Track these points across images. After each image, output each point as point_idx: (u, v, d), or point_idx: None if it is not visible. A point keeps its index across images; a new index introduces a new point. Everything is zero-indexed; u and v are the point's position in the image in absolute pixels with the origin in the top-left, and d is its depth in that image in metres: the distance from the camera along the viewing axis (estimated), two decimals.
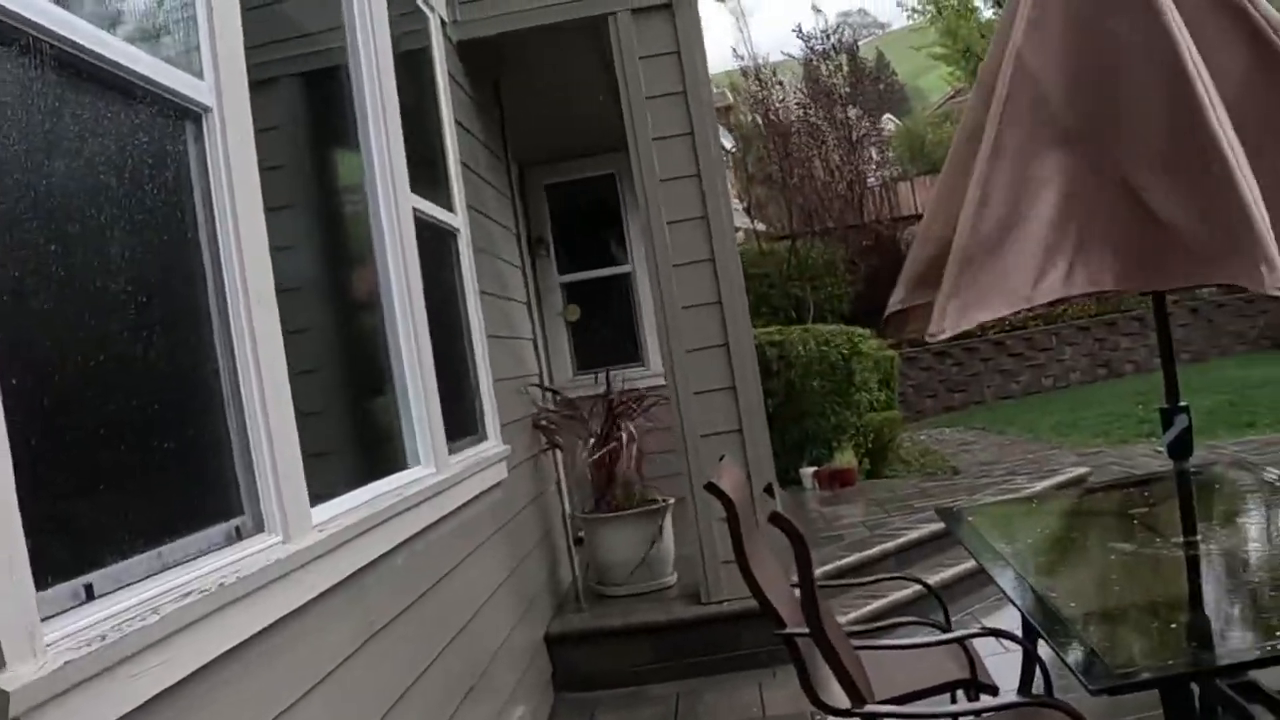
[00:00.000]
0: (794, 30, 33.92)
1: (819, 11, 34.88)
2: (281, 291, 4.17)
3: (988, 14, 33.76)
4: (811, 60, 32.68)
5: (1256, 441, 16.70)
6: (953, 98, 42.04)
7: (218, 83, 3.96)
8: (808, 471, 15.17)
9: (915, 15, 37.13)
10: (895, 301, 5.62)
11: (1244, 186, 4.34)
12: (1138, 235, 4.59)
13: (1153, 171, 4.61)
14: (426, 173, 6.96)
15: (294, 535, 4.02)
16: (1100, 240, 4.75)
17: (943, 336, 4.65)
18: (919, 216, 29.87)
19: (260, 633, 3.63)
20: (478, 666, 6.47)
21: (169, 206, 3.72)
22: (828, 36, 32.79)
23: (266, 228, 4.13)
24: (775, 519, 4.54)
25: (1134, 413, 20.84)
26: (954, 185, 5.13)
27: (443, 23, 8.13)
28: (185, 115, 3.85)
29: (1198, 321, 28.37)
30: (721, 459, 5.85)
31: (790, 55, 33.23)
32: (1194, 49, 4.65)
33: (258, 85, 4.27)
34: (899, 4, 37.66)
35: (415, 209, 6.38)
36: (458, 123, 8.03)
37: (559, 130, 12.31)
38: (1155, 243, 4.56)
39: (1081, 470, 13.91)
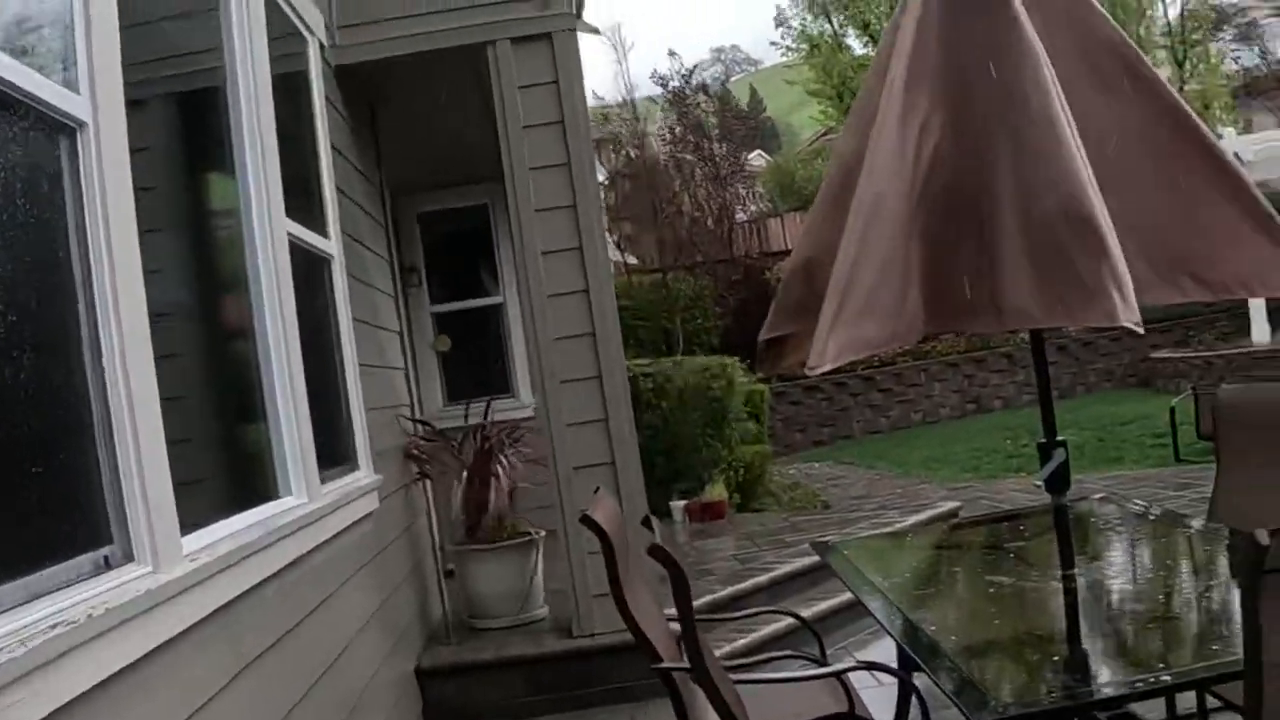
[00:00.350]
0: (651, 76, 34.07)
1: (674, 55, 34.92)
2: (154, 316, 4.06)
3: (861, 50, 34.13)
4: (681, 97, 32.86)
5: (1125, 477, 16.97)
6: (824, 135, 42.43)
7: (94, 97, 3.86)
8: (678, 504, 15.15)
9: (789, 52, 37.49)
10: (767, 328, 5.63)
11: (1103, 227, 4.39)
12: (1007, 276, 4.63)
13: (1016, 213, 4.65)
14: (302, 198, 6.86)
15: (165, 565, 3.91)
16: (972, 280, 4.79)
17: (820, 370, 4.66)
18: (789, 252, 30.10)
19: (130, 665, 3.52)
20: (349, 700, 6.36)
21: (39, 224, 3.62)
22: (686, 79, 32.97)
23: (140, 250, 4.03)
24: (655, 552, 4.50)
25: (1003, 448, 21.12)
26: (828, 218, 5.15)
27: (322, 47, 8.04)
28: (59, 129, 3.74)
29: (1065, 359, 28.82)
30: (596, 491, 5.80)
31: (663, 89, 33.38)
32: (1061, 91, 4.71)
33: (134, 104, 4.17)
34: (773, 42, 37.98)
35: (290, 234, 6.28)
36: (334, 148, 7.94)
37: (435, 158, 12.22)
38: (1023, 283, 4.60)
39: (952, 505, 14.02)
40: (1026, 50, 4.76)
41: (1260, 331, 26.19)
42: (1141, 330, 4.33)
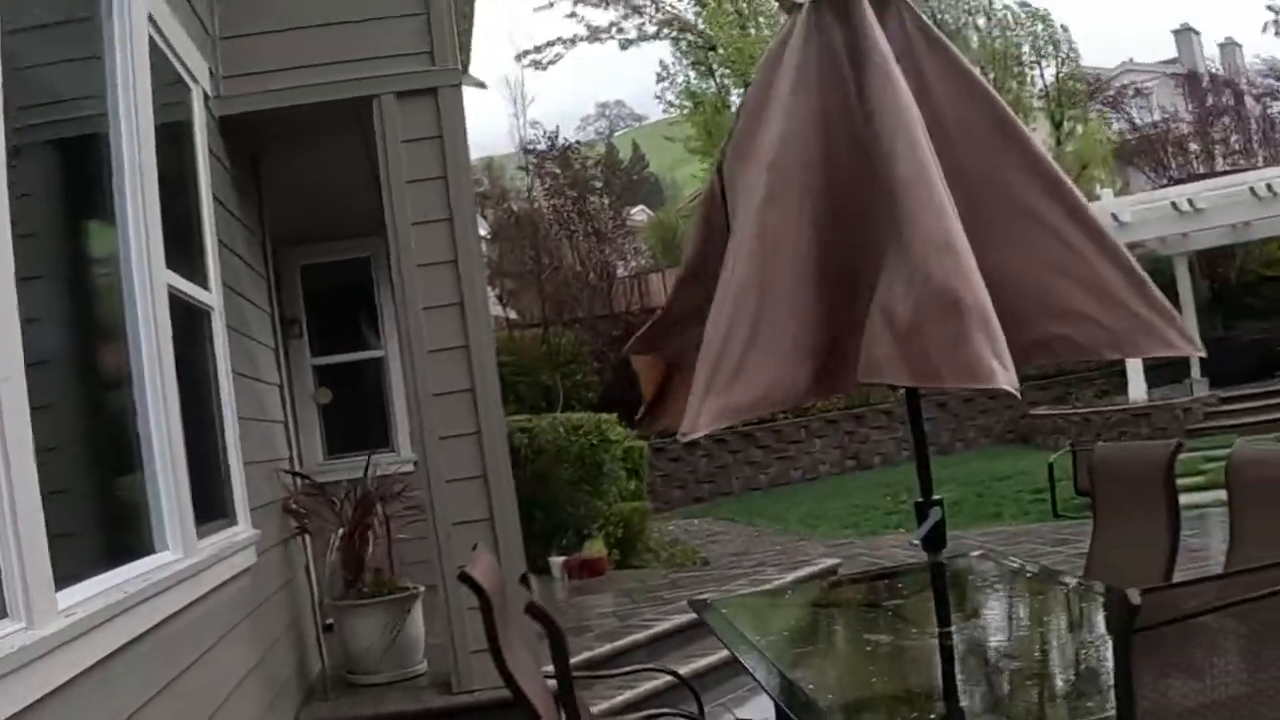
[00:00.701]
0: (520, 145, 34.28)
1: (537, 125, 35.23)
2: (30, 365, 4.01)
3: None
4: (570, 150, 33.04)
5: (1003, 533, 17.19)
6: None
7: None
8: (557, 561, 15.12)
9: (672, 109, 37.72)
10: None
11: (979, 289, 4.45)
12: (882, 338, 4.66)
13: (890, 275, 4.70)
14: (182, 249, 6.80)
15: (39, 621, 3.84)
16: (847, 343, 4.84)
17: (694, 436, 4.68)
18: None
19: None
20: None
21: None
22: (553, 142, 33.13)
23: (16, 298, 3.98)
24: (531, 610, 4.49)
25: (882, 504, 21.32)
26: (698, 278, 5.17)
27: (206, 96, 7.99)
28: None
29: (945, 415, 29.16)
30: (475, 547, 5.77)
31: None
32: (935, 153, 4.77)
33: (14, 150, 4.12)
34: (656, 98, 38.22)
35: (170, 285, 6.22)
36: (216, 199, 7.88)
37: (319, 210, 12.16)
38: (898, 345, 4.64)
39: (831, 561, 14.12)
40: (902, 111, 4.82)
41: (1137, 389, 26.71)
42: (1018, 394, 4.38)
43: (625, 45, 35.69)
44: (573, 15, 35.35)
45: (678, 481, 28.20)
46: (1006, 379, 4.27)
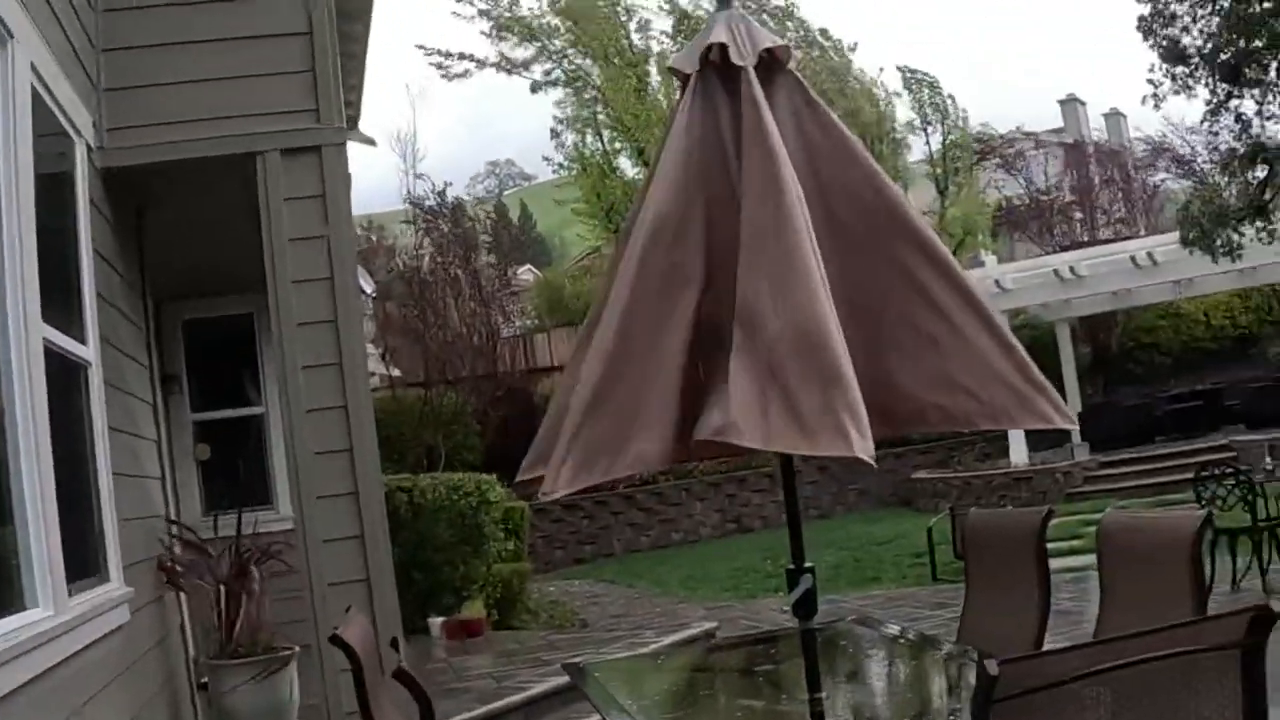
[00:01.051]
0: (404, 197, 34.18)
1: (421, 177, 35.09)
2: None
3: (632, 173, 34.55)
4: (459, 208, 33.07)
5: (882, 596, 17.33)
6: (593, 253, 42.81)
7: None
8: (436, 621, 15.03)
9: (560, 170, 37.80)
10: (526, 465, 5.65)
11: (841, 359, 4.52)
12: (745, 404, 4.71)
13: (755, 342, 4.75)
14: (60, 302, 6.74)
15: None
16: (713, 407, 4.88)
17: (554, 496, 4.70)
18: (555, 368, 30.33)
19: None
20: None
21: None
22: (441, 197, 33.13)
23: None
24: (399, 677, 4.49)
25: (762, 568, 21.40)
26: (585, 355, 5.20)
27: (89, 148, 7.94)
28: None
29: (826, 479, 29.35)
30: (348, 610, 5.75)
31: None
32: (811, 224, 4.85)
33: None
34: (545, 158, 38.25)
35: (46, 339, 6.16)
36: (97, 252, 7.81)
37: (202, 265, 12.06)
38: (761, 411, 4.68)
39: (709, 625, 14.16)
40: (782, 184, 4.89)
41: (1018, 453, 27.08)
42: (874, 464, 4.43)
43: (535, 88, 35.78)
44: (488, 35, 35.26)
45: (559, 542, 28.15)
46: (863, 448, 4.34)
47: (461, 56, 35.53)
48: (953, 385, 5.19)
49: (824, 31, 36.30)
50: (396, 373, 29.88)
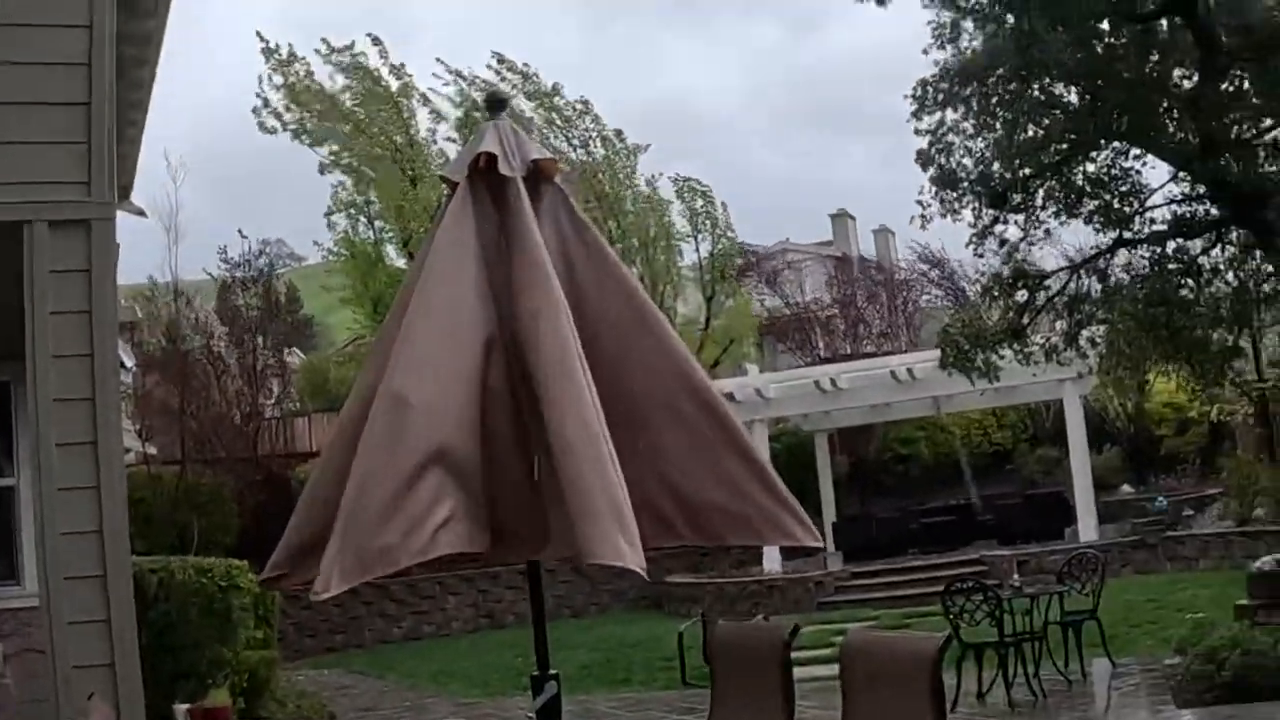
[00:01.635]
0: (219, 252, 33.67)
1: (245, 236, 34.75)
2: None
3: (400, 263, 34.37)
4: (229, 284, 32.65)
5: (631, 699, 17.36)
6: (357, 340, 42.48)
7: None
8: (181, 708, 14.62)
9: (329, 255, 37.42)
10: (273, 565, 5.60)
11: (610, 472, 4.59)
12: (514, 512, 4.77)
13: (521, 453, 4.82)
14: None
15: None
16: (477, 508, 4.91)
17: (326, 596, 4.68)
18: (314, 454, 29.96)
19: None
20: None
21: None
22: (249, 263, 32.80)
23: None
24: None
25: (514, 664, 21.26)
26: (347, 444, 5.18)
27: None
28: None
29: (579, 579, 29.32)
30: (90, 697, 5.62)
31: (210, 275, 33.02)
32: (579, 341, 4.93)
33: None
34: (315, 243, 37.87)
35: None
36: None
37: None
38: (519, 516, 4.74)
39: None
40: (549, 295, 4.97)
41: (772, 560, 27.39)
42: (646, 575, 4.51)
43: (323, 170, 35.39)
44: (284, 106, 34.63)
45: (310, 630, 27.67)
46: (635, 560, 4.42)
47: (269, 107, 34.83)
48: (701, 502, 5.30)
49: (619, 133, 36.61)
50: (153, 450, 29.28)
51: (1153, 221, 19.84)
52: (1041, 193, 19.48)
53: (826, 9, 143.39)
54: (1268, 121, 18.72)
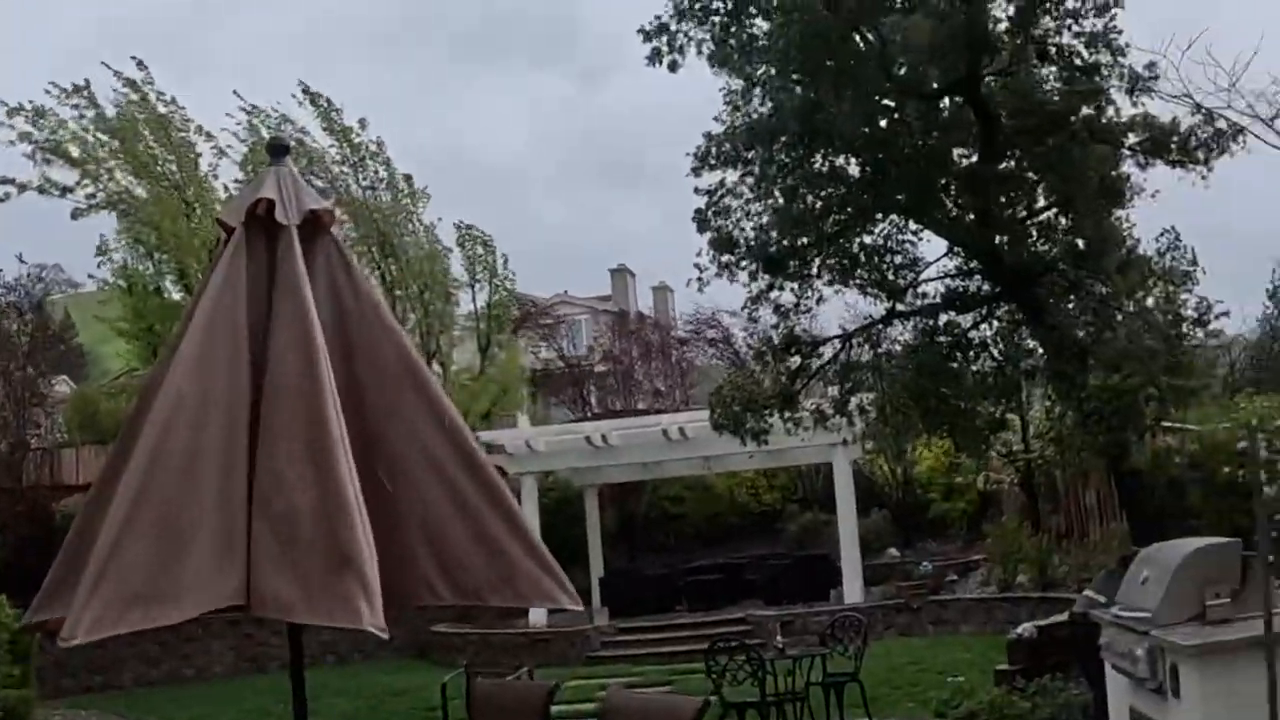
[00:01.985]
0: None
1: (23, 261, 33.85)
2: None
3: (177, 296, 33.66)
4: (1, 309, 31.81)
5: None
6: (131, 371, 41.55)
7: None
8: None
9: (105, 285, 36.48)
10: (36, 608, 5.54)
11: (357, 532, 4.71)
12: (264, 568, 4.83)
13: (275, 509, 4.90)
14: None
15: None
16: (231, 569, 4.97)
17: (74, 643, 4.65)
18: (82, 487, 29.26)
19: None
20: None
21: None
22: (24, 288, 31.99)
23: None
24: None
25: (274, 710, 21.05)
26: (110, 487, 5.16)
27: None
28: None
29: None
30: None
31: None
32: (339, 398, 5.03)
33: None
34: (90, 275, 36.82)
35: None
36: None
37: None
38: (276, 577, 4.82)
39: None
40: (311, 347, 5.04)
41: (538, 614, 27.32)
42: (386, 635, 4.62)
43: (76, 215, 34.28)
44: (32, 158, 33.51)
45: (69, 669, 26.89)
46: (372, 621, 4.53)
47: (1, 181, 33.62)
48: (463, 562, 5.41)
49: (408, 177, 36.37)
50: None
51: (924, 296, 20.45)
52: (818, 262, 19.93)
53: (621, 63, 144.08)
54: (1041, 201, 19.46)
